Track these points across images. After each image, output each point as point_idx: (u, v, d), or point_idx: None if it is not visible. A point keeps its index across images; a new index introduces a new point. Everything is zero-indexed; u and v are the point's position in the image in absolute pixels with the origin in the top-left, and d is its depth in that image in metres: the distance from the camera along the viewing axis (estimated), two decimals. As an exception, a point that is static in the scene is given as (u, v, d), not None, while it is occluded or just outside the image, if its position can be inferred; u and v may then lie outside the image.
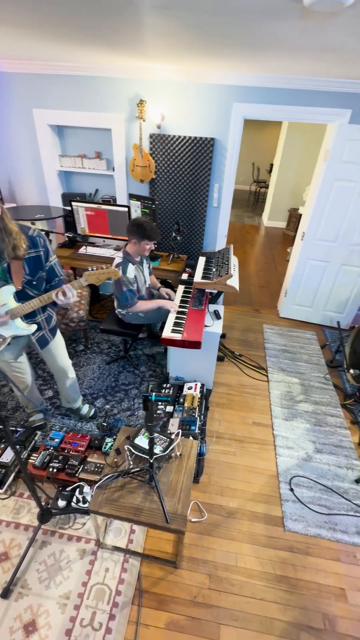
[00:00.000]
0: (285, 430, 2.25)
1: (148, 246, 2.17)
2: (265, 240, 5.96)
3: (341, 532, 1.71)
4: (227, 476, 1.95)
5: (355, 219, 2.83)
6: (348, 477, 1.98)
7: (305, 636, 1.36)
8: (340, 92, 2.54)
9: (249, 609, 1.43)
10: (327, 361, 2.93)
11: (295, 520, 1.75)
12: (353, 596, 1.49)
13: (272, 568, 1.56)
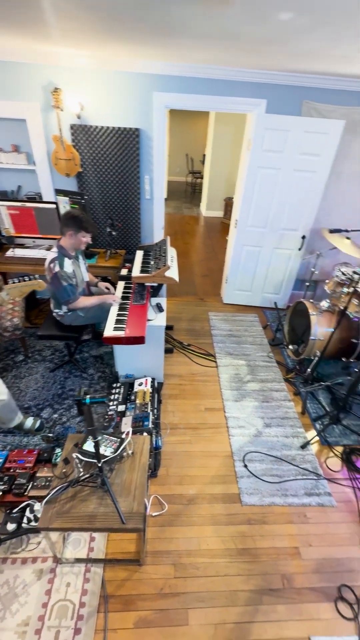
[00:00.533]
0: (236, 411, 2.34)
1: (85, 239, 2.08)
2: (205, 230, 6.09)
3: (292, 496, 1.84)
4: (184, 465, 1.98)
5: (281, 204, 3.00)
6: (294, 445, 2.13)
7: (267, 599, 1.45)
8: (255, 82, 2.64)
9: (214, 587, 1.48)
10: (269, 340, 3.11)
11: (250, 494, 1.84)
12: (305, 552, 1.62)
13: (234, 543, 1.63)
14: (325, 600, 1.46)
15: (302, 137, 2.69)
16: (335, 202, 3.23)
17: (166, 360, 2.76)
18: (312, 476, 1.95)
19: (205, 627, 1.36)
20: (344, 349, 2.59)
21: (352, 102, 2.81)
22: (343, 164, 3.05)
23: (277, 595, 1.46)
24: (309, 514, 1.78)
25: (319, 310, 2.62)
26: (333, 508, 1.81)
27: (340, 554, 1.62)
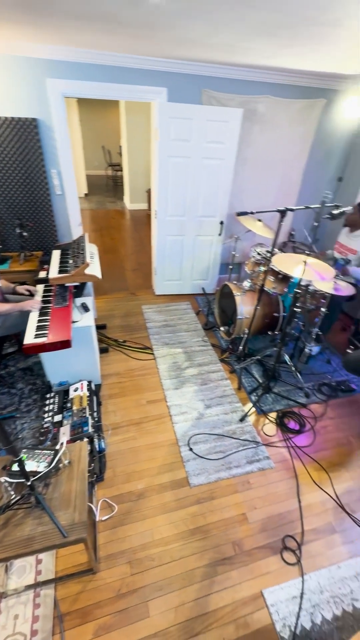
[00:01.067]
0: (177, 399, 2.39)
1: None
2: (132, 224, 5.99)
3: (235, 468, 1.95)
4: (131, 462, 1.96)
5: (195, 192, 3.08)
6: (234, 420, 2.26)
7: (221, 568, 1.53)
8: (154, 70, 2.63)
9: (171, 573, 1.50)
10: (203, 325, 3.21)
11: (197, 474, 1.90)
12: (251, 515, 1.74)
13: (185, 525, 1.68)
14: (272, 554, 1.59)
15: (206, 125, 2.77)
16: (246, 187, 3.42)
17: (102, 360, 2.68)
18: (251, 445, 2.09)
19: (166, 613, 1.38)
20: (268, 323, 2.80)
21: (248, 90, 2.97)
22: (247, 151, 3.23)
23: (229, 563, 1.55)
24: (252, 480, 1.91)
25: (243, 291, 2.78)
26: (272, 469, 1.96)
27: (282, 508, 1.78)
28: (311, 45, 1.90)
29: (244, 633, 1.34)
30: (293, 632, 1.34)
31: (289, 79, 2.97)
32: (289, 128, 3.21)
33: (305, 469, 1.98)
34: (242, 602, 1.42)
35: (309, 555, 1.59)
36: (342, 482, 1.92)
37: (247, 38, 1.78)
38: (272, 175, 3.42)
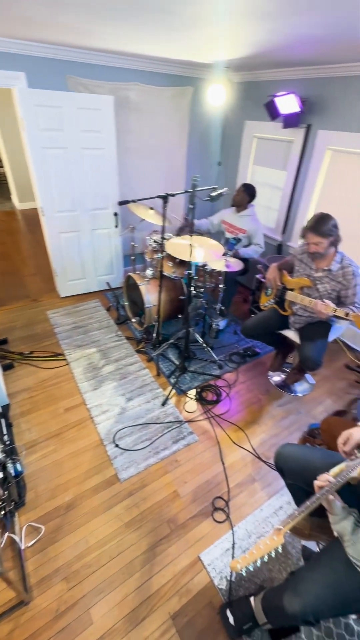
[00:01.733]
0: (96, 399, 2.32)
1: None
2: (25, 225, 5.48)
3: (162, 450, 2.01)
4: (54, 476, 1.84)
5: (82, 185, 2.95)
6: (156, 405, 2.31)
7: (160, 549, 1.58)
8: (8, 52, 2.38)
9: (111, 572, 1.49)
10: (115, 320, 3.16)
11: (126, 468, 1.90)
12: (182, 490, 1.82)
13: (120, 521, 1.67)
14: (205, 519, 1.70)
15: (77, 113, 2.64)
16: (135, 176, 3.42)
17: (7, 377, 2.43)
18: (175, 425, 2.17)
19: (110, 612, 1.37)
20: (177, 306, 2.90)
21: (117, 77, 2.93)
22: (129, 140, 3.21)
23: (166, 541, 1.60)
24: (179, 457, 1.99)
25: (146, 279, 2.81)
26: (197, 442, 2.08)
27: (209, 475, 1.90)
28: (164, 34, 1.95)
29: (187, 600, 1.42)
30: (229, 581, 1.47)
31: (157, 66, 3.02)
32: (164, 116, 3.28)
33: (226, 434, 2.15)
34: (182, 573, 1.50)
35: (235, 508, 1.75)
36: (256, 436, 2.15)
37: (94, 21, 1.73)
38: (158, 162, 3.48)
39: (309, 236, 1.85)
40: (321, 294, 1.96)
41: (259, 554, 0.89)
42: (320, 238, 1.81)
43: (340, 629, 1.36)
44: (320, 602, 0.99)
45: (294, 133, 2.95)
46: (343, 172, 2.72)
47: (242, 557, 0.91)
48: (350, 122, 2.55)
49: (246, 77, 3.27)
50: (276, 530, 0.94)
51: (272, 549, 0.91)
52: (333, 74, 2.54)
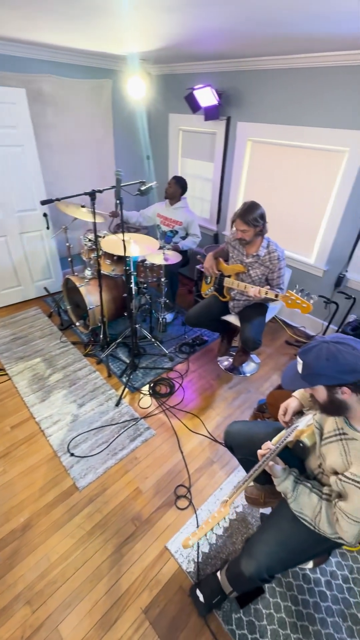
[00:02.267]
0: (46, 411, 2.21)
1: None
2: None
3: (121, 451, 1.99)
4: (5, 499, 1.72)
5: (3, 185, 2.73)
6: (110, 407, 2.26)
7: (126, 548, 1.57)
8: None
9: (77, 583, 1.45)
10: (58, 326, 3.02)
11: (84, 475, 1.85)
12: (144, 486, 1.82)
13: (83, 530, 1.62)
14: (169, 509, 1.73)
15: (-15, 108, 2.43)
16: (62, 174, 3.27)
17: None
18: (131, 423, 2.16)
19: (80, 624, 1.33)
20: (121, 305, 2.86)
21: (29, 69, 2.75)
22: (50, 135, 3.05)
23: (132, 539, 1.60)
24: (138, 454, 1.98)
25: (86, 280, 2.72)
26: (154, 437, 2.09)
27: (169, 466, 1.93)
28: (66, 23, 1.86)
29: (157, 591, 1.43)
30: (196, 563, 1.52)
31: (71, 58, 2.89)
32: (85, 109, 3.17)
33: (182, 423, 2.19)
34: (151, 566, 1.51)
35: (197, 492, 1.81)
36: (211, 420, 2.23)
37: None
38: (85, 158, 3.37)
39: (237, 223, 1.94)
40: (253, 279, 2.07)
41: (208, 527, 0.93)
42: (247, 226, 1.90)
43: (299, 581, 1.48)
44: (272, 559, 1.07)
45: (216, 125, 3.05)
46: (264, 161, 2.89)
47: (192, 534, 0.94)
48: (264, 114, 2.70)
49: (164, 70, 3.28)
50: (223, 503, 0.99)
51: (220, 520, 0.96)
52: (245, 67, 2.66)
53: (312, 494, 1.04)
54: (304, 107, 2.46)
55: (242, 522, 1.68)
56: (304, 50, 2.19)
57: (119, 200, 1.78)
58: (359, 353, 0.86)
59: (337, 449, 1.00)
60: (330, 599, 1.43)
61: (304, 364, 0.92)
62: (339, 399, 0.91)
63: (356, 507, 0.89)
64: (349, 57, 2.09)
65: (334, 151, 2.42)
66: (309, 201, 2.69)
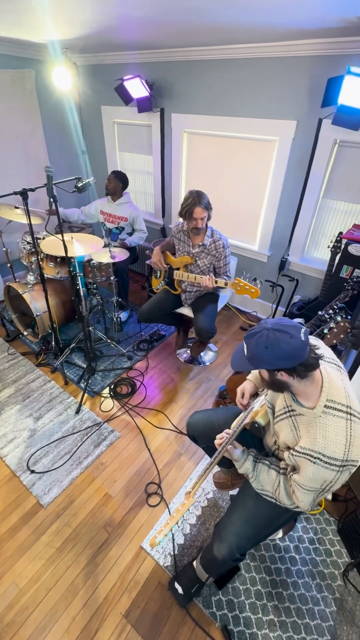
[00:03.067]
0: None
1: None
2: None
3: (85, 459, 1.92)
4: None
5: None
6: (70, 415, 2.17)
7: (100, 556, 1.53)
8: None
9: (51, 604, 1.38)
10: (5, 337, 2.81)
11: (48, 491, 1.75)
12: (113, 490, 1.79)
13: (52, 548, 1.55)
14: (141, 508, 1.71)
15: None
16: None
17: None
18: (94, 428, 2.09)
19: (58, 644, 1.28)
20: (71, 308, 2.73)
21: None
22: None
23: (106, 546, 1.56)
24: (104, 459, 1.93)
25: (29, 286, 2.55)
26: (120, 439, 2.05)
27: (137, 466, 1.91)
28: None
29: (136, 592, 1.42)
30: (173, 555, 1.53)
31: (-18, 45, 2.64)
32: (7, 102, 2.93)
33: (147, 421, 2.17)
34: (127, 569, 1.49)
35: (168, 486, 1.81)
36: (175, 413, 2.24)
37: None
38: (13, 154, 3.13)
39: (197, 211, 1.92)
40: (202, 269, 2.10)
41: (173, 522, 0.93)
42: (206, 212, 1.92)
43: (270, 552, 1.56)
44: (241, 537, 1.11)
45: (150, 117, 3.00)
46: (201, 152, 2.92)
47: (158, 532, 0.94)
48: (197, 105, 2.72)
49: (91, 60, 3.14)
50: (186, 494, 0.99)
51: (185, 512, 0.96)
52: (175, 58, 2.64)
53: (270, 470, 1.09)
54: (234, 99, 2.51)
55: (213, 508, 1.72)
56: (231, 41, 2.23)
57: (52, 199, 1.67)
58: (296, 342, 0.89)
59: (287, 426, 1.06)
60: (300, 562, 1.53)
61: (248, 348, 0.95)
62: (279, 380, 0.95)
63: (309, 478, 0.94)
64: (274, 49, 2.17)
65: (265, 141, 2.52)
66: (248, 190, 2.78)
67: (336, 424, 0.92)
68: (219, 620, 1.34)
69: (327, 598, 1.43)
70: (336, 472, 0.90)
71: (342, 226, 2.47)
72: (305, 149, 2.34)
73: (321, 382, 0.97)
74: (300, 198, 2.50)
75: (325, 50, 2.03)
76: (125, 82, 2.73)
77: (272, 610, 1.39)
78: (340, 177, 2.33)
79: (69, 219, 3.09)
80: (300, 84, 2.20)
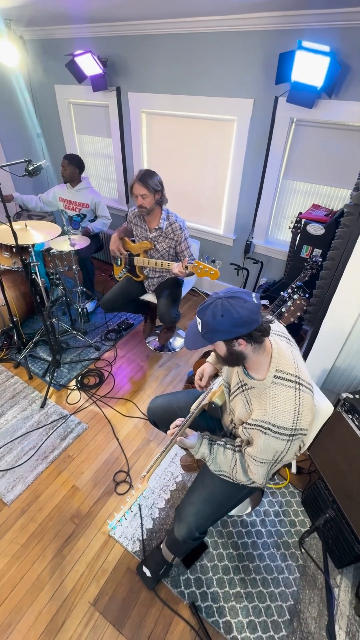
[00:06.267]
0: None
1: None
2: None
3: (52, 452, 1.87)
4: None
5: None
6: (35, 410, 2.10)
7: (67, 548, 1.51)
8: None
9: (16, 600, 1.35)
10: None
11: (12, 488, 1.70)
12: (81, 482, 1.76)
13: (16, 544, 1.51)
14: (109, 497, 1.70)
15: None
16: None
17: None
18: (60, 421, 2.04)
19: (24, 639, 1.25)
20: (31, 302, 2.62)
21: None
22: None
23: (73, 537, 1.54)
24: (71, 452, 1.89)
25: (-16, 279, 2.41)
26: (87, 430, 2.01)
27: (105, 455, 1.88)
28: None
29: (104, 579, 1.42)
30: (142, 541, 1.53)
31: None
32: None
33: (115, 410, 2.15)
34: (95, 558, 1.48)
35: (136, 473, 1.80)
36: (144, 401, 2.22)
37: None
38: None
39: (136, 187, 1.88)
40: (162, 253, 2.06)
41: (127, 506, 0.92)
42: (146, 190, 1.86)
43: (237, 528, 1.60)
44: (199, 517, 1.12)
45: (106, 97, 2.87)
46: (161, 134, 2.83)
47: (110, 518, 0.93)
48: (153, 84, 2.62)
49: (40, 34, 2.94)
50: (141, 479, 0.98)
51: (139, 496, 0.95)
52: (128, 32, 2.51)
53: (226, 451, 1.09)
54: (190, 76, 2.43)
55: (182, 491, 1.73)
56: (183, 14, 2.13)
57: (-7, 182, 1.56)
58: (250, 305, 0.88)
59: (241, 400, 1.06)
60: (265, 535, 1.58)
61: (202, 322, 0.92)
62: (236, 350, 0.94)
63: (261, 449, 0.95)
64: (227, 23, 2.10)
65: (224, 120, 2.47)
66: (211, 172, 2.74)
67: (285, 393, 0.93)
68: (187, 598, 1.37)
69: (290, 566, 1.48)
70: (286, 441, 0.91)
71: (303, 207, 2.48)
72: (263, 128, 2.32)
73: (271, 352, 0.97)
74: (261, 179, 2.49)
75: (278, 25, 1.98)
76: (76, 58, 2.58)
77: (239, 582, 1.42)
78: (298, 157, 2.33)
79: (27, 206, 2.93)
80: (255, 61, 2.16)
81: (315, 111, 2.05)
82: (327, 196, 2.35)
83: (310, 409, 0.94)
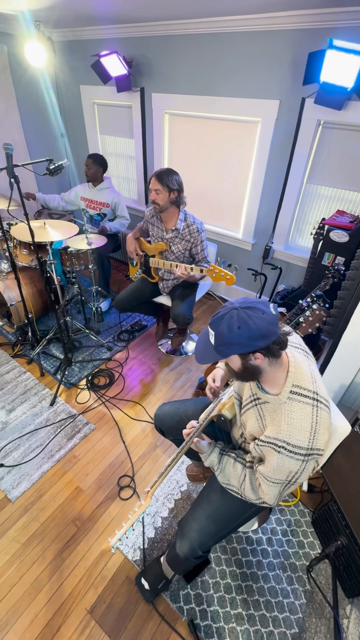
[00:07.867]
0: (-31, 423, 1.99)
1: None
2: None
3: (58, 452, 1.87)
4: None
5: None
6: (44, 407, 2.11)
7: (67, 552, 1.49)
8: None
9: (14, 600, 1.34)
10: (-20, 328, 2.72)
11: (17, 485, 1.70)
12: (85, 484, 1.74)
13: (18, 543, 1.50)
14: (112, 501, 1.67)
15: None
16: None
17: None
18: (69, 421, 2.03)
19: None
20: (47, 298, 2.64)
21: None
22: None
23: (73, 541, 1.52)
24: (77, 452, 1.88)
25: (3, 275, 2.46)
26: (94, 431, 2.00)
27: (111, 458, 1.86)
28: None
29: (103, 587, 1.39)
30: (142, 550, 1.49)
31: None
32: (-21, 79, 2.78)
33: (123, 412, 2.12)
34: (95, 564, 1.45)
35: (141, 479, 1.77)
36: (153, 405, 2.19)
37: None
38: (-13, 137, 2.98)
39: (152, 182, 1.90)
40: (177, 255, 2.02)
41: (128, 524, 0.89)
42: (160, 185, 1.84)
43: (242, 544, 1.53)
44: (203, 534, 1.07)
45: (130, 97, 2.87)
46: (184, 135, 2.80)
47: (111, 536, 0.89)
48: (177, 84, 2.59)
49: (68, 35, 2.98)
50: (144, 494, 0.94)
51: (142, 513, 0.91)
52: (153, 32, 2.50)
53: (236, 464, 1.04)
54: (215, 77, 2.39)
55: (187, 501, 1.68)
56: (209, 14, 2.10)
57: (13, 179, 1.57)
58: (268, 317, 0.83)
59: (253, 415, 1.00)
60: (272, 555, 1.51)
61: (216, 335, 0.87)
62: (252, 365, 0.88)
63: (274, 468, 0.89)
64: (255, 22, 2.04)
65: (248, 122, 2.41)
66: (232, 174, 2.68)
67: (302, 410, 0.87)
68: (185, 615, 1.32)
69: (297, 590, 1.40)
70: (301, 461, 0.85)
71: (327, 212, 2.39)
72: (288, 130, 2.25)
73: (288, 366, 0.91)
74: (284, 183, 2.41)
75: (308, 23, 1.91)
76: (102, 59, 2.59)
77: (241, 603, 1.36)
78: (324, 160, 2.24)
79: (49, 205, 2.98)
80: (282, 61, 2.09)
81: (345, 113, 1.97)
82: (353, 202, 2.24)
83: (327, 427, 0.87)
